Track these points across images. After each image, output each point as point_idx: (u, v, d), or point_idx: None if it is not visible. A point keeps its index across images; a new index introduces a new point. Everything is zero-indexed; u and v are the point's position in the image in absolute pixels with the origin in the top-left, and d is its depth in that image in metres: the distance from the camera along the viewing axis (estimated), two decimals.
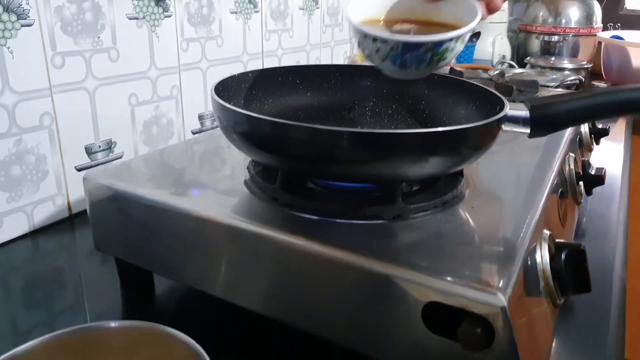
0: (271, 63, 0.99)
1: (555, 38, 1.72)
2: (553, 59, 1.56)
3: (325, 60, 1.17)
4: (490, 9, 0.47)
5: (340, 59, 1.24)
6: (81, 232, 0.65)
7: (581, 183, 0.62)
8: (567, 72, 1.46)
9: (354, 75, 0.59)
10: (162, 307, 0.51)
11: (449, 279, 0.33)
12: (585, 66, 1.48)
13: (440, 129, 0.36)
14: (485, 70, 1.54)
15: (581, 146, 0.81)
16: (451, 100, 0.55)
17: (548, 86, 1.14)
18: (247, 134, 0.40)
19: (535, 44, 1.77)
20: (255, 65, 0.95)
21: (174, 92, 0.79)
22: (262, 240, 0.39)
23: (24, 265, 0.58)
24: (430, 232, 0.39)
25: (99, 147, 0.69)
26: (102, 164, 0.70)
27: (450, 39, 0.42)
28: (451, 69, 0.97)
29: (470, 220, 0.42)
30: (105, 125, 0.69)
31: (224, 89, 0.49)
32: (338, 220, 0.40)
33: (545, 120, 0.43)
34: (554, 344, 0.43)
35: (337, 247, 0.37)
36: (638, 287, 1.23)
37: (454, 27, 0.45)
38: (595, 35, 1.65)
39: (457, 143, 0.39)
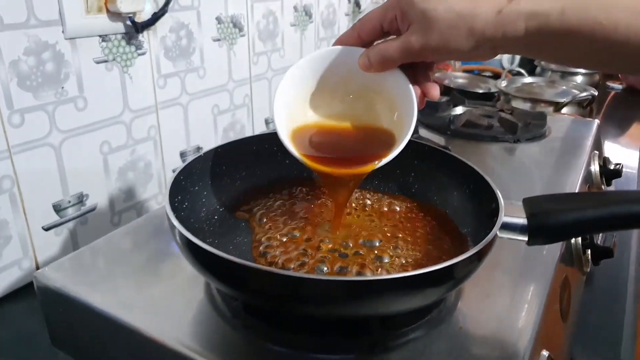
0: (260, 87, 0.93)
1: None
2: None
3: None
4: (428, 98, 0.42)
5: None
6: None
7: (588, 251, 0.57)
8: (579, 77, 1.38)
9: None
10: None
11: None
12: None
13: (426, 270, 0.31)
14: (494, 75, 1.47)
15: (591, 186, 0.75)
16: (443, 176, 0.49)
17: (558, 102, 1.07)
18: (196, 260, 0.35)
19: None
20: (243, 91, 0.89)
21: (151, 133, 0.73)
22: None
23: None
24: None
25: (69, 202, 0.64)
26: (73, 219, 0.65)
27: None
28: (450, 90, 0.91)
29: (458, 349, 0.37)
30: (75, 179, 0.64)
31: (187, 175, 0.44)
32: (306, 354, 0.36)
33: (545, 231, 0.38)
34: None
35: None
36: None
37: (386, 133, 0.43)
38: None
39: (447, 276, 0.33)
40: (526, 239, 0.38)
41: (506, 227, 0.38)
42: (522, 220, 0.38)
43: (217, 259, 0.32)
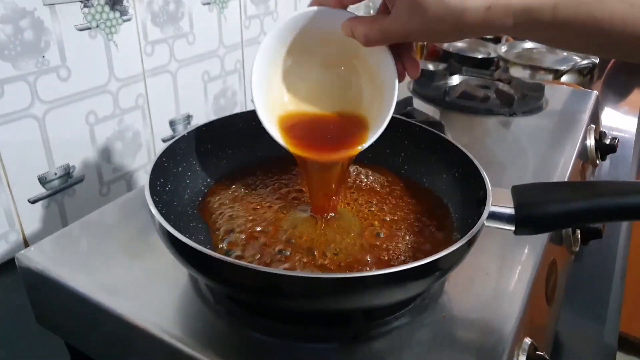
0: (253, 52, 0.90)
1: None
2: None
3: None
4: (408, 75, 0.40)
5: None
6: None
7: (578, 232, 0.57)
8: None
9: None
10: None
11: None
12: None
13: (410, 265, 0.30)
14: (494, 37, 1.42)
15: (585, 162, 0.74)
16: (433, 159, 0.48)
17: (558, 70, 1.05)
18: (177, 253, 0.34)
19: None
20: (234, 57, 0.86)
21: (139, 102, 0.72)
22: None
23: None
24: None
25: (55, 174, 0.63)
26: (60, 191, 0.64)
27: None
28: (449, 55, 0.88)
29: (441, 337, 0.37)
30: (61, 151, 0.63)
31: (170, 156, 0.43)
32: (288, 342, 0.36)
33: (532, 222, 0.37)
34: None
35: None
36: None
37: (367, 114, 0.42)
38: None
39: (432, 270, 0.33)
40: (513, 228, 0.38)
41: (493, 216, 0.37)
42: (509, 210, 0.37)
43: (196, 253, 0.31)
